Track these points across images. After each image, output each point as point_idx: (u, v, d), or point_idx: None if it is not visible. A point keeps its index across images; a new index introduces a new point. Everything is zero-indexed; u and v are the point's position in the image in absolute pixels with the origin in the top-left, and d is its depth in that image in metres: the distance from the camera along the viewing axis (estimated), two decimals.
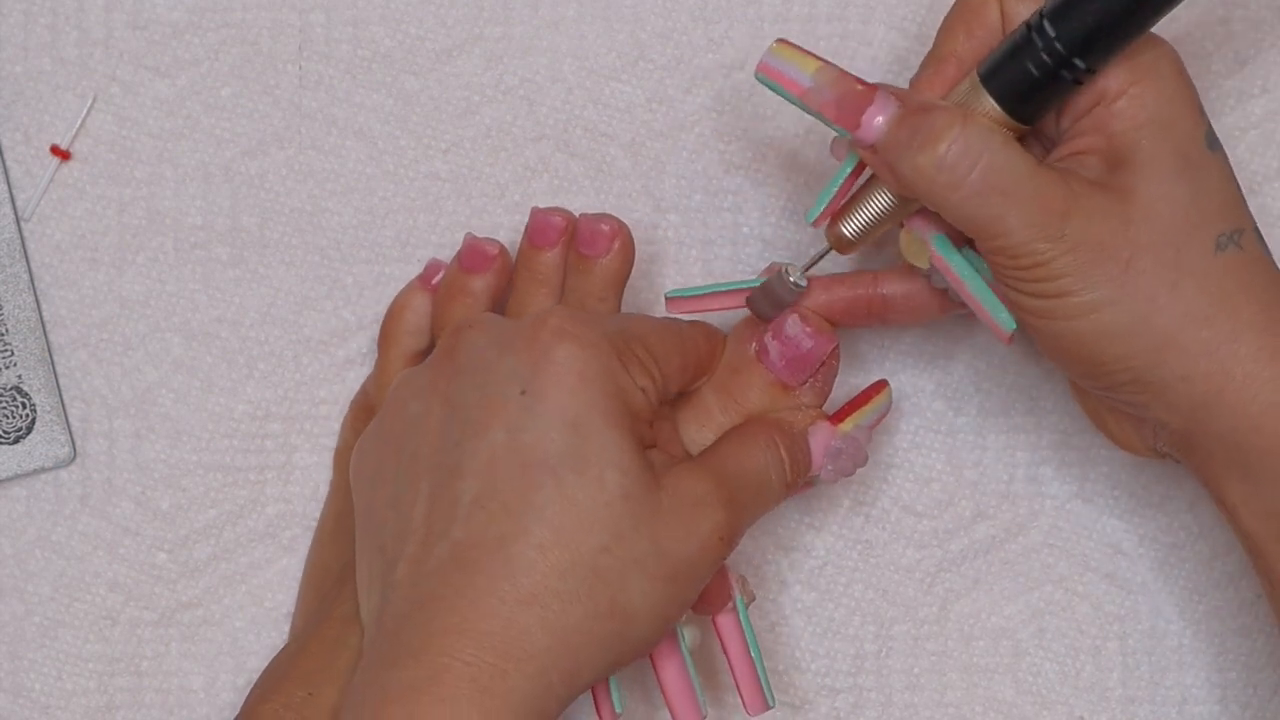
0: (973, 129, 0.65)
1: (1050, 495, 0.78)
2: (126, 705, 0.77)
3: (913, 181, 0.65)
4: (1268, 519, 0.65)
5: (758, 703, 0.71)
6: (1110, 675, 0.77)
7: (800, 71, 0.67)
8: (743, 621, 0.71)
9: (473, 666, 0.62)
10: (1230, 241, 0.65)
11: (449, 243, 0.77)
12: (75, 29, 0.77)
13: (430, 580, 0.64)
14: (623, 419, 0.65)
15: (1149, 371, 0.65)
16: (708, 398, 0.72)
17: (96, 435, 0.77)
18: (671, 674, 0.69)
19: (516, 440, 0.64)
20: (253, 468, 0.77)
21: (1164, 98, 0.65)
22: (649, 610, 0.65)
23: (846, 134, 0.67)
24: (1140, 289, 0.64)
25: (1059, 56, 0.64)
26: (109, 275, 0.77)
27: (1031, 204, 0.64)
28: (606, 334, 0.67)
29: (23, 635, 0.77)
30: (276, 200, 0.78)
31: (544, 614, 0.63)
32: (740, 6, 0.77)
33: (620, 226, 0.73)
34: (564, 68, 0.78)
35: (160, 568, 0.77)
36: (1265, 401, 0.64)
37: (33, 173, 0.77)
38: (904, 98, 0.66)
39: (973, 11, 0.67)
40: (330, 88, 0.77)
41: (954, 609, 0.78)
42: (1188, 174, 0.65)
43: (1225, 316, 0.65)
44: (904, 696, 0.77)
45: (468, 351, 0.67)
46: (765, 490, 0.69)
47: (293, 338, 0.77)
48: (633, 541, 0.64)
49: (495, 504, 0.64)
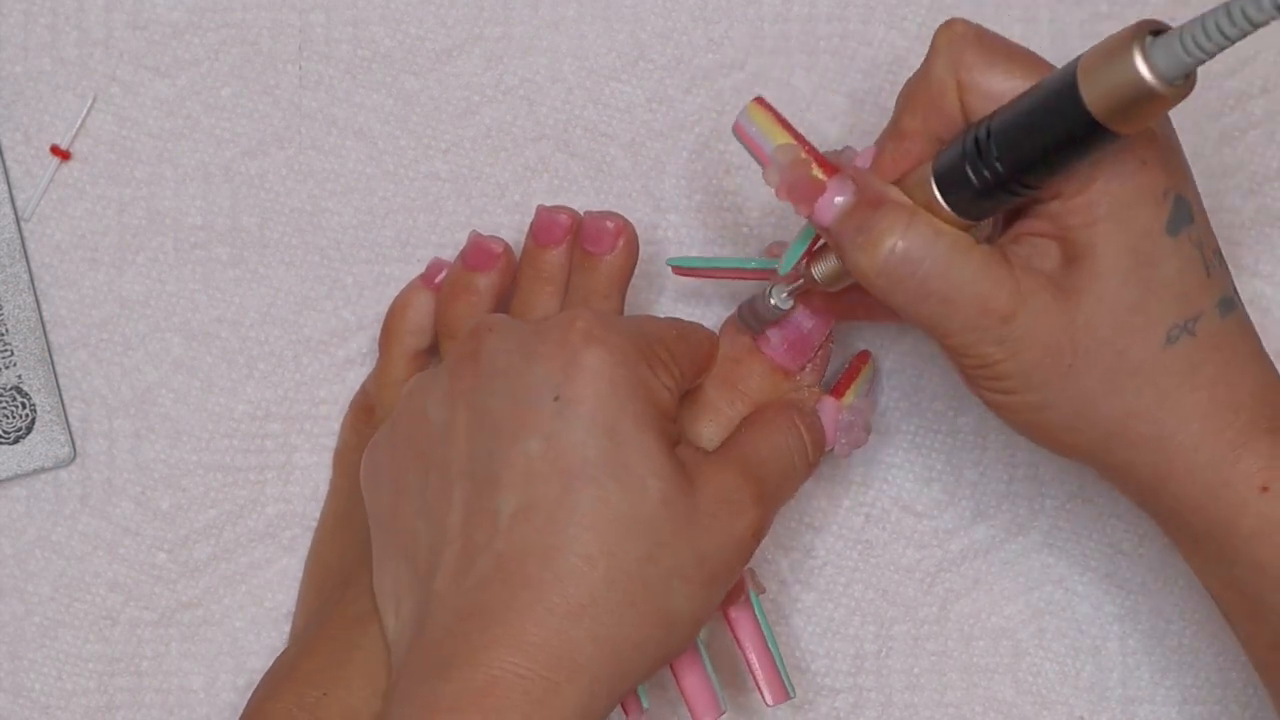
0: (915, 232, 0.64)
1: (1050, 495, 0.78)
2: (126, 705, 0.77)
3: (857, 277, 0.65)
4: (1225, 587, 0.66)
5: (779, 692, 0.71)
6: (1110, 675, 0.77)
7: (766, 141, 0.67)
8: (757, 613, 0.71)
9: (525, 679, 0.61)
10: (1183, 331, 0.64)
11: (449, 243, 0.77)
12: (75, 29, 0.77)
13: (475, 593, 0.64)
14: (655, 422, 0.65)
15: (1100, 457, 0.66)
16: (711, 393, 0.72)
17: (96, 435, 0.77)
18: (691, 672, 0.69)
19: (553, 448, 0.64)
20: (253, 468, 0.77)
21: (1123, 196, 0.63)
22: (690, 614, 0.65)
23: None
24: (1081, 390, 0.64)
25: (1000, 176, 0.63)
26: (109, 275, 0.77)
27: (972, 308, 0.64)
28: (634, 335, 0.66)
29: (23, 635, 0.77)
30: (276, 200, 0.78)
31: (594, 626, 0.63)
32: (740, 6, 0.77)
33: (625, 224, 0.73)
34: (564, 68, 0.78)
35: (160, 568, 0.77)
36: (1207, 486, 0.64)
37: (33, 173, 0.77)
38: (861, 184, 0.65)
39: (930, 95, 0.66)
40: (330, 88, 0.77)
41: (954, 609, 0.78)
42: (1140, 271, 0.64)
43: (1168, 411, 0.64)
44: (904, 696, 0.77)
45: (491, 357, 0.67)
46: (791, 474, 0.69)
47: (293, 338, 0.77)
48: (675, 548, 0.64)
49: (538, 515, 0.64)
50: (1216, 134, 0.77)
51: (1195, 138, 0.77)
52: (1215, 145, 0.77)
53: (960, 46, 0.65)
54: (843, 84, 0.78)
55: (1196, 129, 0.77)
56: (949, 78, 0.65)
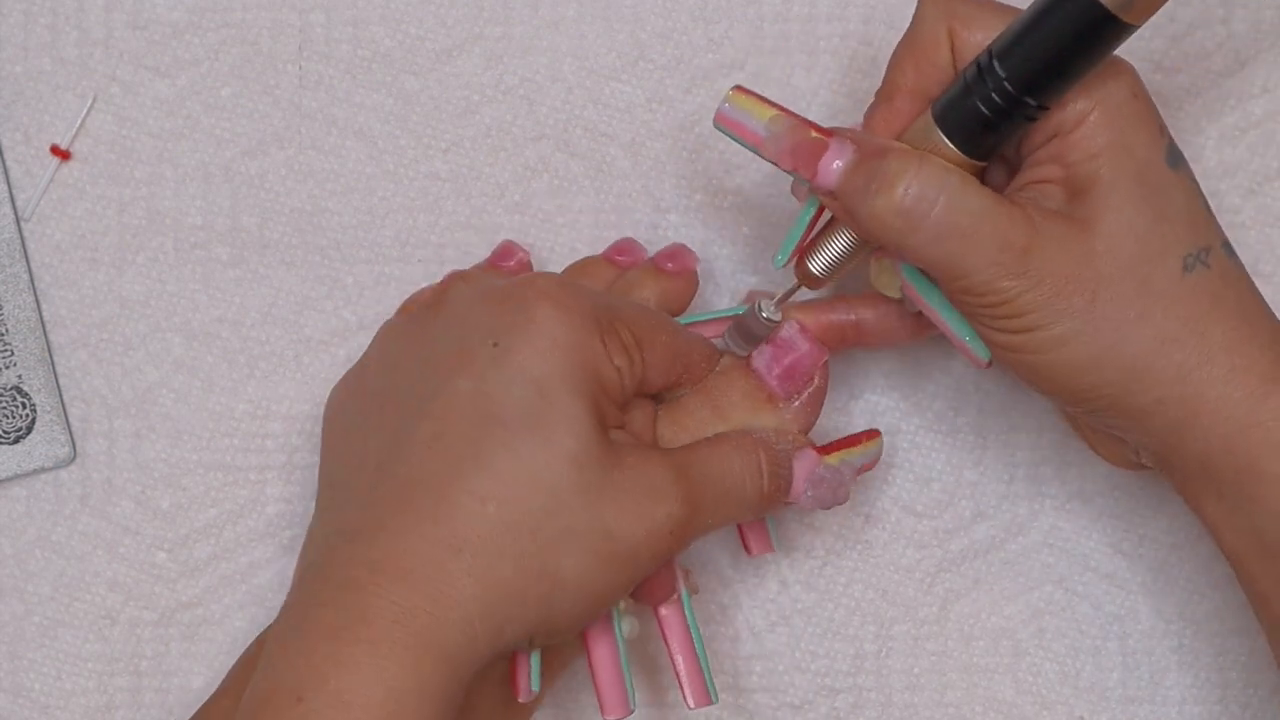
0: (928, 171, 0.64)
1: (1050, 495, 0.78)
2: (126, 705, 0.77)
3: (871, 226, 0.65)
4: (1245, 535, 0.66)
5: (701, 696, 0.70)
6: (1110, 675, 0.77)
7: (756, 121, 0.67)
8: (687, 614, 0.70)
9: (398, 607, 0.61)
10: (1197, 261, 0.65)
11: (449, 243, 0.77)
12: (75, 29, 0.77)
13: (367, 517, 0.64)
14: (589, 390, 0.65)
15: (1123, 398, 0.65)
16: (691, 403, 0.71)
17: (96, 435, 0.77)
18: (603, 661, 0.69)
19: (480, 390, 0.65)
20: (253, 467, 0.77)
21: (1121, 124, 0.64)
22: (580, 583, 0.64)
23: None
24: (1107, 320, 0.64)
25: (1009, 96, 0.64)
26: (109, 275, 0.77)
27: (991, 242, 0.64)
28: (593, 307, 0.67)
29: (23, 635, 0.77)
30: (276, 200, 0.78)
31: (472, 562, 0.62)
32: (740, 6, 0.77)
33: (693, 264, 0.73)
34: (564, 68, 0.78)
35: (160, 567, 0.77)
36: (1237, 423, 0.64)
37: (33, 173, 0.77)
38: (860, 142, 0.66)
39: (922, 47, 0.66)
40: (330, 88, 0.78)
41: (954, 609, 0.78)
42: (1150, 199, 0.64)
43: (1195, 339, 0.64)
44: (904, 696, 0.77)
45: (453, 302, 0.69)
46: (734, 494, 0.68)
47: (293, 337, 0.77)
48: (575, 510, 0.64)
49: (446, 449, 0.64)
50: (1216, 134, 0.77)
51: (1195, 138, 0.77)
52: (1215, 145, 0.77)
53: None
54: (843, 84, 0.78)
55: (1196, 129, 0.77)
56: (940, 28, 0.66)
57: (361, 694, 0.60)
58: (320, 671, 0.61)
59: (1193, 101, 0.77)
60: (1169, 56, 0.77)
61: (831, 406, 0.77)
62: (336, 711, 0.60)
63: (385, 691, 0.60)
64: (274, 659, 0.62)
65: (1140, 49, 0.77)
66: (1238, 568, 0.67)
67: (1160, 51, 0.77)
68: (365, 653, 0.61)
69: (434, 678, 0.61)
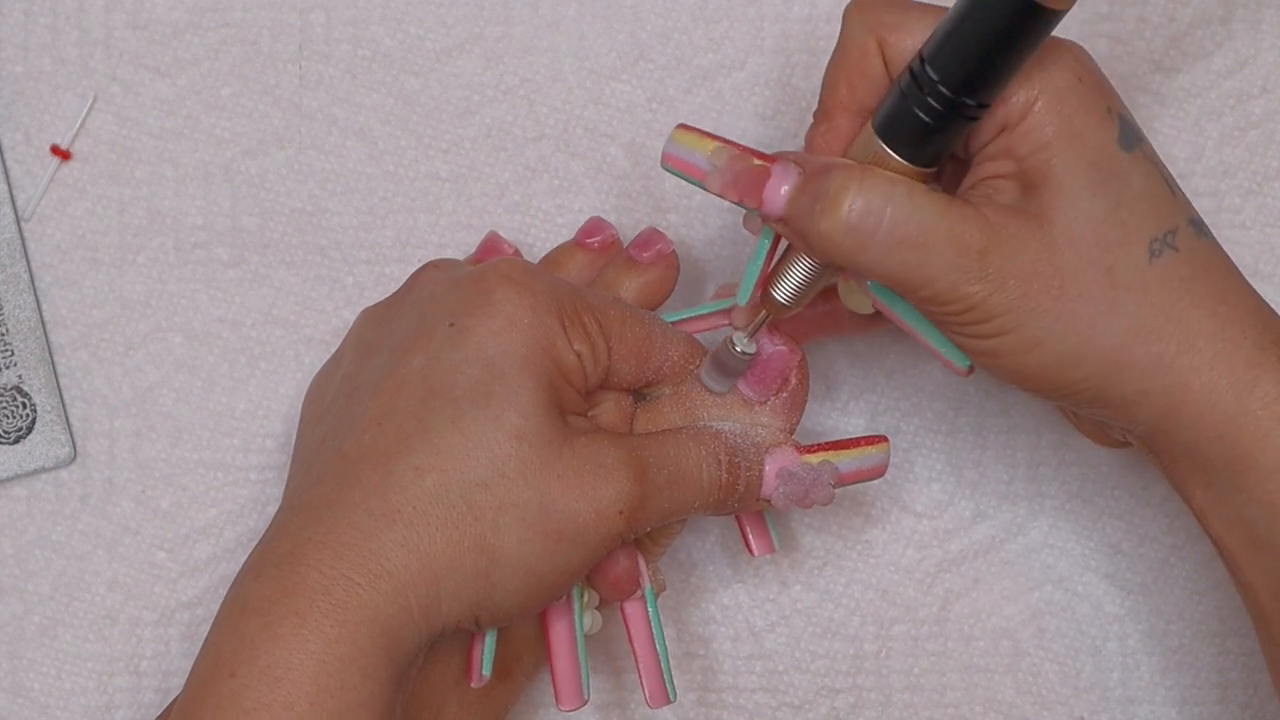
0: (871, 184, 0.63)
1: (1050, 495, 0.78)
2: (126, 705, 0.77)
3: (823, 247, 0.64)
4: (1234, 525, 0.65)
5: (659, 695, 0.70)
6: (1110, 675, 0.77)
7: (699, 155, 0.66)
8: (650, 611, 0.70)
9: (328, 578, 0.61)
10: (1164, 245, 0.63)
11: (449, 242, 0.77)
12: (75, 29, 0.77)
13: (310, 491, 0.64)
14: (543, 370, 0.65)
15: (1107, 390, 0.64)
16: (665, 403, 0.70)
17: (97, 435, 0.77)
18: (561, 651, 0.69)
19: (431, 367, 0.65)
20: (253, 467, 0.77)
21: (1068, 111, 0.63)
22: (520, 559, 0.64)
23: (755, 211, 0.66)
24: (1078, 315, 0.63)
25: (946, 99, 0.62)
26: (109, 275, 0.77)
27: (947, 248, 0.62)
28: (556, 291, 0.67)
29: (23, 635, 0.77)
30: (276, 200, 0.78)
31: (406, 533, 0.62)
32: (740, 6, 0.77)
33: (672, 251, 0.73)
34: (564, 68, 0.78)
35: (160, 567, 0.77)
36: (1224, 411, 0.63)
37: (33, 173, 0.77)
38: (804, 164, 0.65)
39: (853, 60, 0.65)
40: (330, 88, 0.78)
41: (954, 609, 0.78)
42: (1105, 185, 0.63)
43: (1172, 328, 0.63)
44: (904, 696, 0.77)
45: (422, 286, 0.69)
46: (690, 482, 0.67)
47: (294, 337, 0.78)
48: (516, 484, 0.64)
49: (390, 422, 0.64)
50: (1216, 134, 0.77)
51: (1195, 138, 0.77)
52: (1215, 145, 0.77)
53: (874, 8, 0.65)
54: None
55: (1196, 129, 0.77)
56: (868, 39, 0.65)
57: (292, 666, 0.60)
58: (253, 645, 0.61)
59: (1193, 101, 0.77)
60: (1169, 56, 0.77)
61: (832, 406, 0.77)
62: (267, 685, 0.60)
63: (315, 663, 0.60)
64: (212, 636, 0.63)
65: (1140, 49, 0.77)
66: (1224, 556, 0.66)
67: (1160, 51, 0.77)
68: (292, 624, 0.61)
69: (372, 651, 0.61)
